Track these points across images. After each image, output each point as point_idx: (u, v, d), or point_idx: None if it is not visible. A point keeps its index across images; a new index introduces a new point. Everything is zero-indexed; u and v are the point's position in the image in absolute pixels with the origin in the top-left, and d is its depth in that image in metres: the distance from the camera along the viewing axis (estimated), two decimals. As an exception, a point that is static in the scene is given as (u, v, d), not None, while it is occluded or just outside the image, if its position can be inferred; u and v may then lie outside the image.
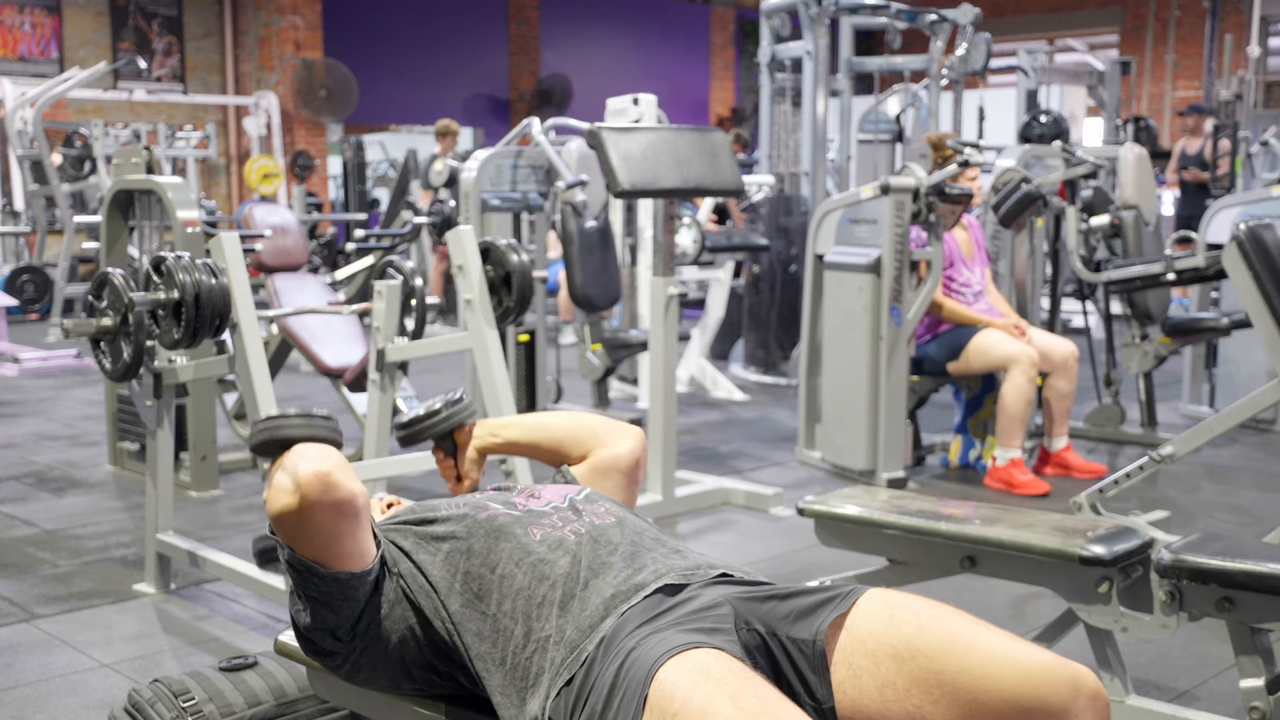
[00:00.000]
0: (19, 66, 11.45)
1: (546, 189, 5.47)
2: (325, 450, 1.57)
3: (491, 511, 1.69)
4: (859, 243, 4.61)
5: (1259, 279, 3.39)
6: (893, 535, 2.33)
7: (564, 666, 1.49)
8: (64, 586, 3.47)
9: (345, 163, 11.96)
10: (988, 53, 7.30)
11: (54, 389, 6.72)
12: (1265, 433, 5.51)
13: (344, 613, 1.61)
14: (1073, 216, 4.98)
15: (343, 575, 1.58)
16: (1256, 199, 5.52)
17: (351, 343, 4.80)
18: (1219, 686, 2.76)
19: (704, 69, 16.72)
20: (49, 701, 2.71)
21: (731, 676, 1.35)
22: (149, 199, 4.41)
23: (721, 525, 4.18)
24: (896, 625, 1.46)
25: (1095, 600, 2.19)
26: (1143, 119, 9.64)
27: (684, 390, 6.38)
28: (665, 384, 4.23)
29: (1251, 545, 2.14)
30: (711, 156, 4.17)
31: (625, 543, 1.63)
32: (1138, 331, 5.13)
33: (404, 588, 1.65)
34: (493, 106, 14.43)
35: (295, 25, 12.50)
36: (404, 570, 1.66)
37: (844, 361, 4.60)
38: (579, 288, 4.98)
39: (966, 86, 7.71)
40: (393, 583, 1.64)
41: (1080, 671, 1.43)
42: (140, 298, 2.89)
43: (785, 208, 6.84)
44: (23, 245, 10.08)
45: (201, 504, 4.35)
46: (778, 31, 7.09)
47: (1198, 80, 13.57)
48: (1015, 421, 4.44)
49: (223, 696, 2.14)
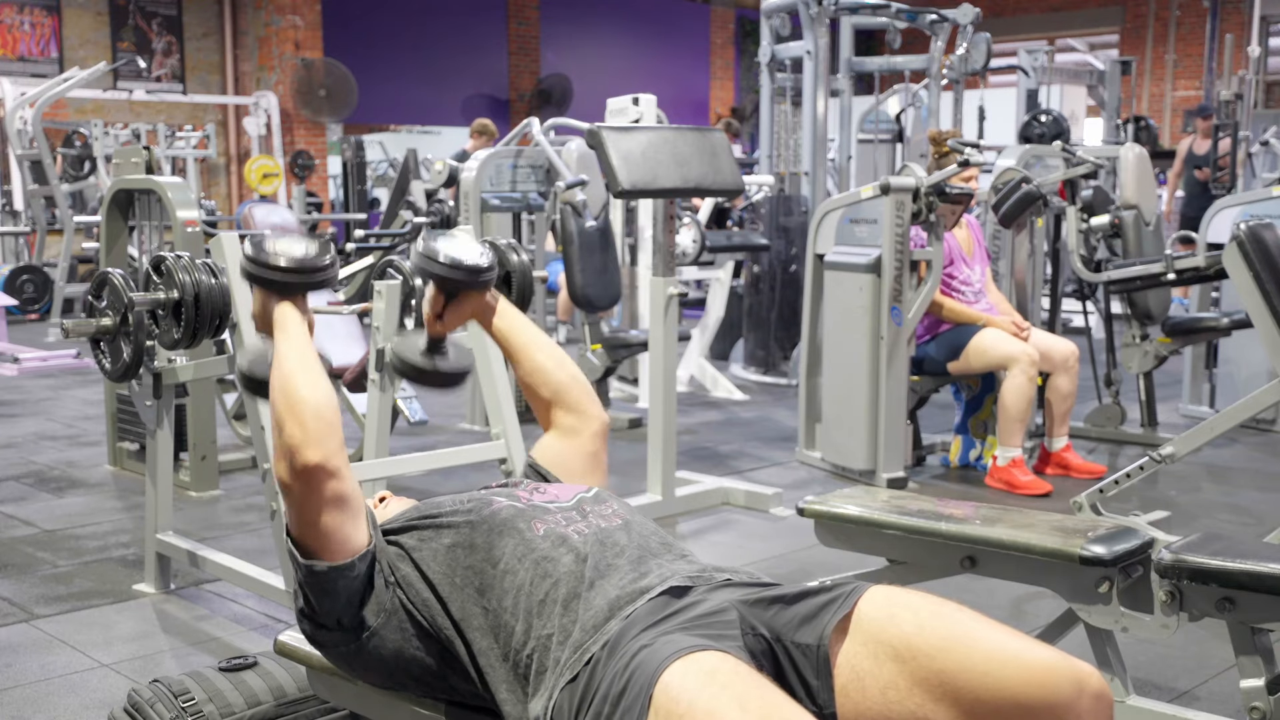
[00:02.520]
0: (19, 66, 11.44)
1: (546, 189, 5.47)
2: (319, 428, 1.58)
3: (496, 506, 1.68)
4: (859, 243, 4.61)
5: (1259, 279, 3.39)
6: (893, 535, 2.33)
7: (566, 666, 1.48)
8: (64, 586, 3.47)
9: (345, 163, 11.95)
10: (988, 52, 7.30)
11: (54, 389, 6.72)
12: (1265, 433, 5.51)
13: (334, 605, 1.61)
14: (1073, 216, 4.98)
15: (336, 566, 1.59)
16: (1256, 199, 5.52)
17: (351, 342, 4.80)
18: (1219, 686, 2.76)
19: (704, 69, 16.71)
20: (49, 701, 2.71)
21: (737, 679, 1.34)
22: (149, 199, 4.41)
23: (721, 525, 4.18)
24: (897, 624, 1.45)
25: (1095, 600, 2.18)
26: (1143, 119, 9.65)
27: (684, 390, 6.37)
28: (665, 384, 4.22)
29: (1252, 545, 2.14)
30: (711, 156, 4.17)
31: (632, 546, 1.63)
32: (1138, 331, 5.13)
33: (402, 599, 1.64)
34: (492, 106, 14.42)
35: (295, 25, 12.50)
36: (402, 578, 1.65)
37: (844, 361, 4.60)
38: (579, 288, 4.98)
39: (967, 86, 7.71)
40: (390, 593, 1.64)
41: (1084, 669, 1.42)
42: (140, 298, 2.89)
43: (785, 208, 6.84)
44: (22, 245, 10.07)
45: (201, 504, 4.35)
46: (778, 31, 7.08)
47: (1198, 80, 13.56)
48: (1016, 421, 4.44)
49: (222, 696, 2.14)
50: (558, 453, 1.98)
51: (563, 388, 1.99)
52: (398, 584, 1.65)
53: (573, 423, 1.99)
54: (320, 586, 1.60)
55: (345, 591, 1.61)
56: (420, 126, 14.72)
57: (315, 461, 1.56)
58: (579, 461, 1.97)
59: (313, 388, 1.61)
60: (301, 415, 1.58)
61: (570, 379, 2.01)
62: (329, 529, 1.59)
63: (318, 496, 1.58)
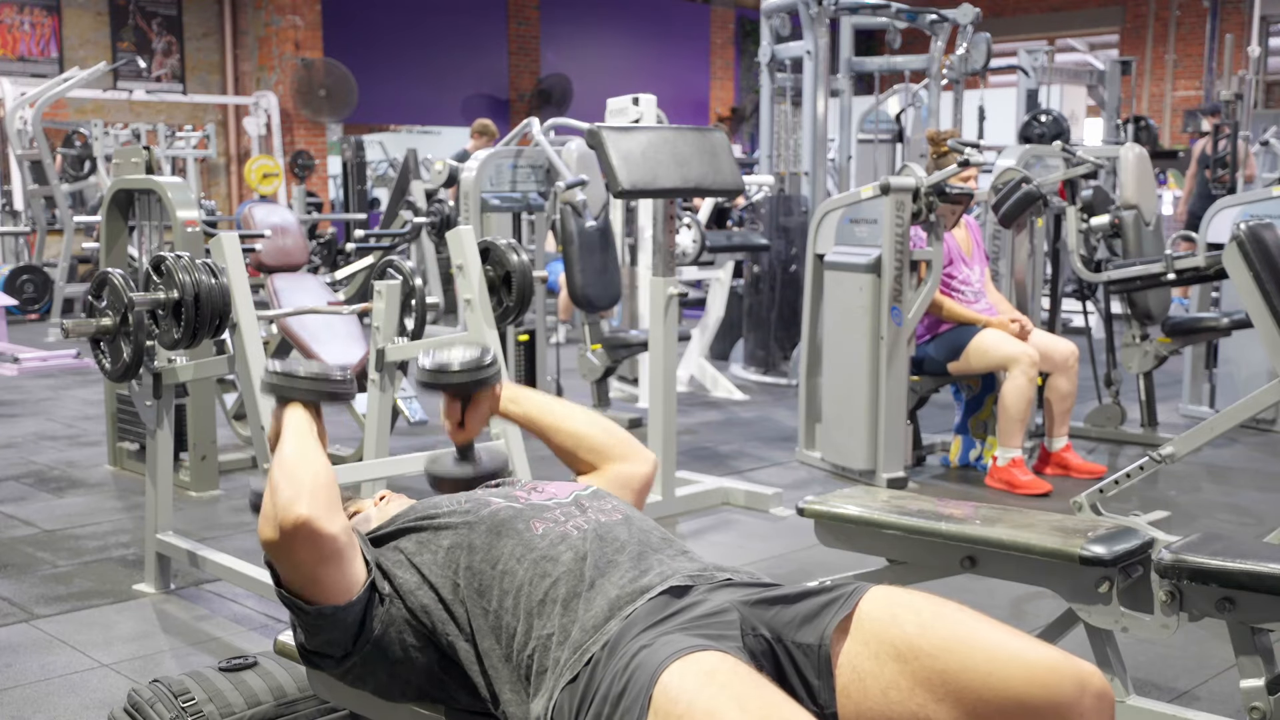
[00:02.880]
0: (19, 66, 11.44)
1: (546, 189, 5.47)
2: (314, 488, 1.55)
3: (494, 507, 1.68)
4: (859, 243, 4.61)
5: (1259, 279, 3.39)
6: (893, 535, 2.33)
7: (567, 666, 1.48)
8: (64, 586, 3.47)
9: (345, 163, 11.95)
10: (988, 52, 7.30)
11: (54, 389, 6.72)
12: (1265, 433, 5.51)
13: (330, 637, 1.61)
14: (1073, 216, 4.98)
15: (326, 610, 1.58)
16: (1256, 199, 5.52)
17: (351, 343, 4.79)
18: (1219, 686, 2.76)
19: (704, 69, 16.71)
20: (49, 701, 2.71)
21: (737, 680, 1.34)
22: (149, 199, 4.41)
23: (721, 525, 4.18)
24: (899, 624, 1.45)
25: (1095, 600, 2.18)
26: (1143, 119, 9.64)
27: (684, 390, 6.37)
28: (665, 384, 4.22)
29: (1252, 545, 2.14)
30: (711, 156, 4.17)
31: (633, 541, 1.62)
32: (1138, 331, 5.13)
33: (399, 612, 1.63)
34: (492, 106, 14.43)
35: (295, 25, 12.50)
36: (400, 587, 1.64)
37: (844, 361, 4.60)
38: (579, 288, 4.98)
39: (966, 86, 7.71)
40: (385, 607, 1.63)
41: (1086, 668, 1.42)
42: (140, 298, 2.89)
43: (785, 208, 6.84)
44: (22, 245, 10.07)
45: (201, 504, 4.35)
46: (778, 31, 7.08)
47: (1198, 80, 13.57)
48: (1016, 421, 4.44)
49: (222, 696, 2.14)
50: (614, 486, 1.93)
51: (605, 447, 1.97)
52: (395, 593, 1.64)
53: (629, 470, 1.96)
54: (324, 625, 1.60)
55: (349, 622, 1.60)
56: (420, 126, 14.72)
57: (304, 515, 1.52)
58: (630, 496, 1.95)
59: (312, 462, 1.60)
60: (296, 474, 1.56)
61: (605, 433, 1.98)
62: (326, 581, 1.58)
63: (306, 553, 1.54)
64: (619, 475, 1.95)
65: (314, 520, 1.52)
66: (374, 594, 1.62)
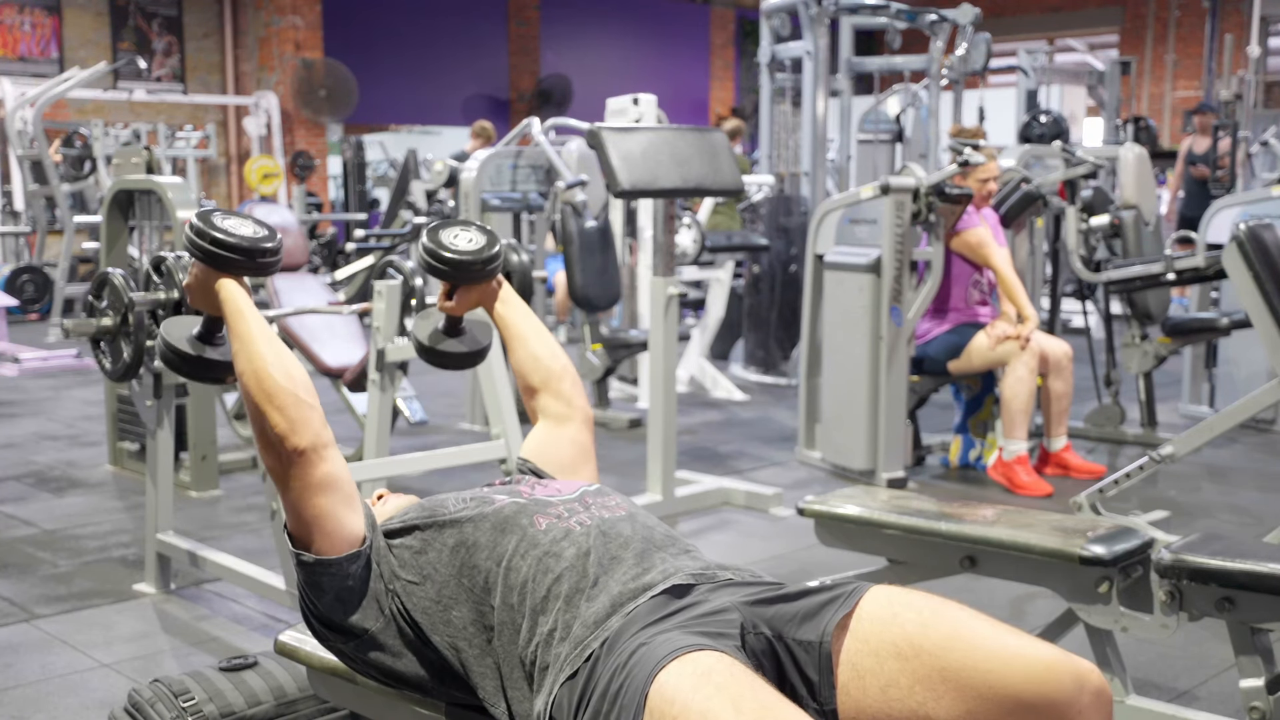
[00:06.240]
0: (19, 66, 11.44)
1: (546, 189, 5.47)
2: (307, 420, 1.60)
3: (498, 504, 1.68)
4: (859, 243, 4.61)
5: (1259, 279, 3.39)
6: (893, 535, 2.33)
7: (567, 662, 1.48)
8: (64, 586, 3.47)
9: (345, 163, 11.96)
10: (988, 53, 7.31)
11: (54, 389, 6.73)
12: (1265, 433, 5.51)
13: (335, 597, 1.62)
14: (1073, 216, 4.98)
15: (326, 559, 1.60)
16: (1256, 199, 5.52)
17: (351, 343, 4.80)
18: (1219, 686, 2.76)
19: (704, 69, 16.72)
20: (49, 701, 2.71)
21: (733, 680, 1.34)
22: (149, 199, 4.41)
23: (721, 525, 4.18)
24: (899, 623, 1.46)
25: (1095, 600, 2.19)
26: (1143, 119, 9.65)
27: (684, 390, 6.38)
28: (665, 384, 4.22)
29: (1251, 545, 2.14)
30: (711, 156, 4.17)
31: (637, 538, 1.62)
32: (1138, 331, 5.13)
33: (402, 606, 1.64)
34: (492, 106, 14.43)
35: (295, 25, 12.49)
36: (404, 585, 1.65)
37: (844, 361, 4.60)
38: (579, 288, 4.98)
39: (966, 86, 7.71)
40: (388, 600, 1.64)
41: (1085, 667, 1.42)
42: (140, 298, 2.89)
43: (785, 208, 6.84)
44: (23, 245, 10.08)
45: (201, 504, 4.35)
46: (778, 31, 7.09)
47: (1198, 80, 13.57)
48: (1020, 413, 4.43)
49: (223, 696, 2.14)
50: (548, 444, 1.98)
51: (553, 375, 2.03)
52: (398, 592, 1.64)
53: (560, 409, 2.01)
54: (307, 579, 1.62)
55: (332, 588, 1.61)
56: (420, 126, 14.72)
57: (304, 446, 1.59)
58: (570, 451, 1.98)
59: (285, 372, 1.62)
60: (282, 402, 1.60)
61: (562, 369, 2.04)
62: (320, 513, 1.60)
63: (308, 480, 1.60)
64: (556, 413, 2.01)
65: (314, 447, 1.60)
66: (371, 570, 1.64)
